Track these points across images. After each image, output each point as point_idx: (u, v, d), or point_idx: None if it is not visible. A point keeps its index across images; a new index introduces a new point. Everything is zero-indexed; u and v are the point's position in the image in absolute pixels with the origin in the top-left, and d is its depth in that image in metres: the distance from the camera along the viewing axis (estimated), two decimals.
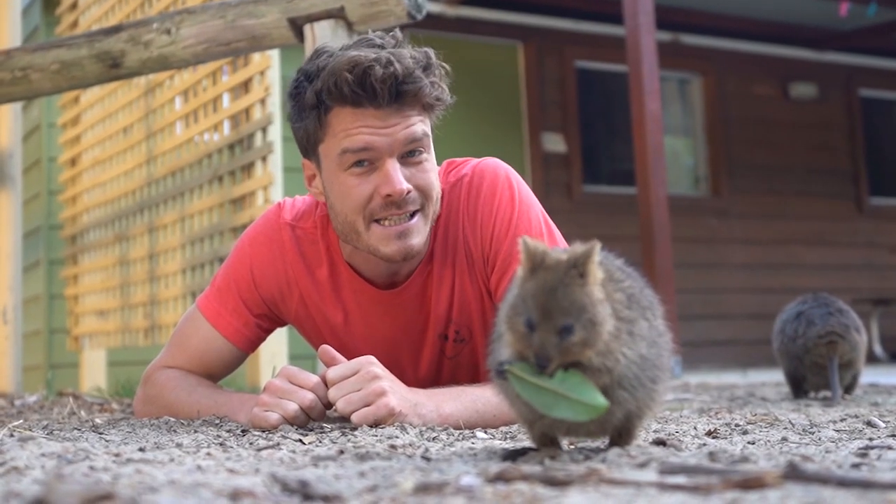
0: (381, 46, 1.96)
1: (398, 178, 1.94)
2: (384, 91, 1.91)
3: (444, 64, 2.02)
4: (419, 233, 1.99)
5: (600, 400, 1.26)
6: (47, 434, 1.87)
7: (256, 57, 3.85)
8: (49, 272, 6.31)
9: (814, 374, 3.08)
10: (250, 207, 3.86)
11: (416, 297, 2.13)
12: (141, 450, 1.52)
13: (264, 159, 3.82)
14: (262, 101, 3.85)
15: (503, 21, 7.85)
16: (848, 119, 9.25)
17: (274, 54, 3.82)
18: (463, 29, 7.58)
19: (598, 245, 1.28)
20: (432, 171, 2.02)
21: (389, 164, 1.94)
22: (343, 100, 1.93)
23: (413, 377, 2.17)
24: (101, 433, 1.89)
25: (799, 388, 3.18)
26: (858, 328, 3.07)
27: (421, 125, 1.97)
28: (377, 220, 1.98)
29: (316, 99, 1.96)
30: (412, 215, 1.99)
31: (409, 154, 1.97)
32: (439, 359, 2.18)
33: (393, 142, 1.94)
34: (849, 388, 3.16)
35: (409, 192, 1.95)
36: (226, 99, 4.14)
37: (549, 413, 1.27)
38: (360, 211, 1.97)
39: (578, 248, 1.29)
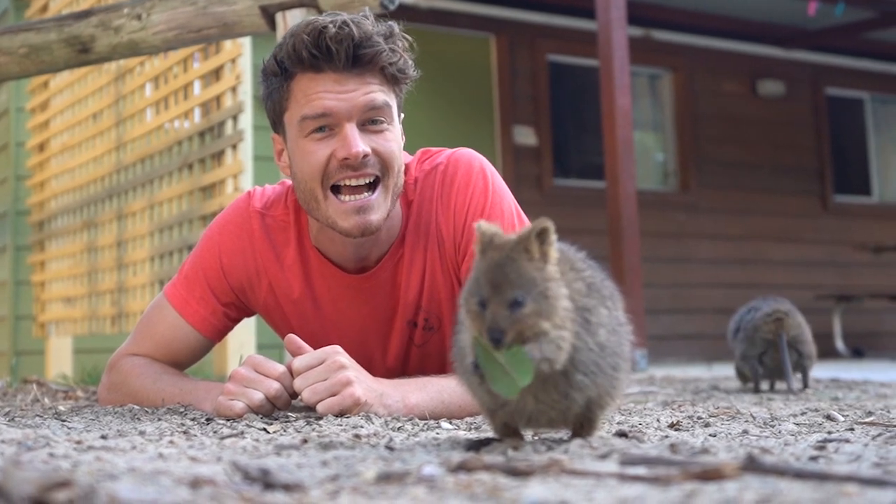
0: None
1: (355, 140, 1.94)
2: (340, 52, 1.92)
3: (407, 36, 2.03)
4: (378, 208, 1.99)
5: (523, 381, 1.25)
6: (8, 421, 1.86)
7: (228, 44, 3.84)
8: (15, 258, 6.25)
9: (764, 352, 3.24)
10: (220, 195, 3.84)
11: (386, 283, 2.13)
12: (103, 437, 1.52)
13: (235, 147, 3.81)
14: (234, 89, 3.84)
15: (476, 13, 7.85)
16: (814, 117, 9.34)
17: (245, 42, 3.81)
18: (436, 20, 7.57)
19: (547, 223, 1.29)
20: (394, 141, 2.01)
21: (347, 128, 1.95)
22: (302, 64, 1.95)
23: (381, 364, 2.18)
24: (63, 420, 1.88)
25: (755, 372, 3.30)
26: (801, 316, 3.28)
27: (382, 94, 1.98)
28: (335, 190, 1.98)
29: (278, 66, 1.98)
30: (373, 188, 1.98)
31: (370, 123, 1.98)
32: (407, 346, 2.18)
33: (352, 107, 1.94)
34: (805, 381, 3.29)
35: (366, 155, 1.95)
36: (197, 86, 4.13)
37: (490, 385, 1.28)
38: (318, 176, 1.97)
39: (527, 227, 1.30)
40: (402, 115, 2.09)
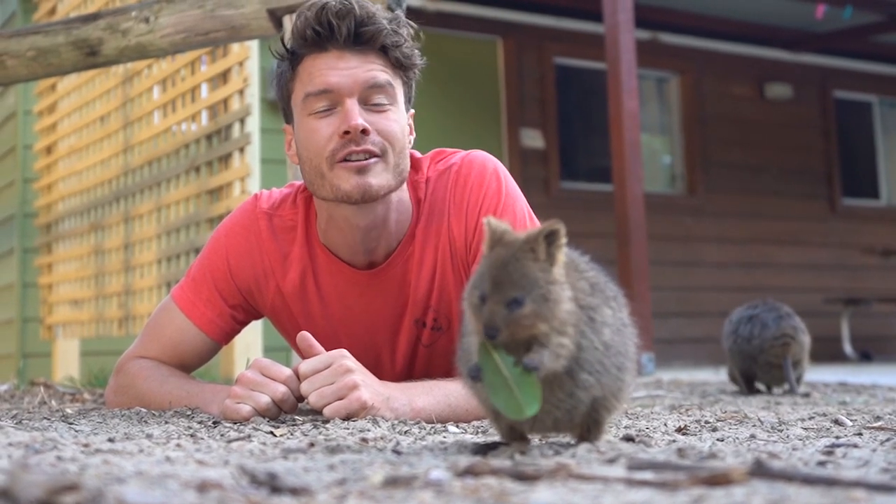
0: None
1: (354, 114, 1.95)
2: (342, 27, 1.95)
3: (412, 23, 2.05)
4: (379, 174, 1.98)
5: (531, 408, 1.26)
6: (16, 423, 1.86)
7: (235, 47, 3.84)
8: (23, 261, 6.26)
9: (764, 372, 3.37)
10: (227, 198, 3.84)
11: (395, 279, 2.13)
12: (110, 440, 1.52)
13: (242, 150, 3.81)
14: (241, 92, 3.84)
15: (483, 16, 7.85)
16: (822, 120, 9.32)
17: (253, 45, 3.81)
18: (443, 24, 7.57)
19: (557, 225, 1.29)
20: (396, 122, 2.01)
21: (348, 103, 1.97)
22: (307, 44, 1.98)
23: (389, 363, 2.18)
24: (70, 423, 1.88)
25: (751, 385, 3.43)
26: (804, 331, 3.39)
27: (384, 74, 2.00)
28: (340, 162, 1.98)
29: (285, 49, 2.04)
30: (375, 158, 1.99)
31: (373, 103, 1.99)
32: (415, 346, 2.18)
33: (353, 83, 1.96)
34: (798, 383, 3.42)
35: (365, 130, 1.96)
36: (204, 89, 4.13)
37: (489, 396, 1.29)
38: (322, 153, 1.98)
39: (536, 227, 1.31)
40: (413, 111, 2.10)
